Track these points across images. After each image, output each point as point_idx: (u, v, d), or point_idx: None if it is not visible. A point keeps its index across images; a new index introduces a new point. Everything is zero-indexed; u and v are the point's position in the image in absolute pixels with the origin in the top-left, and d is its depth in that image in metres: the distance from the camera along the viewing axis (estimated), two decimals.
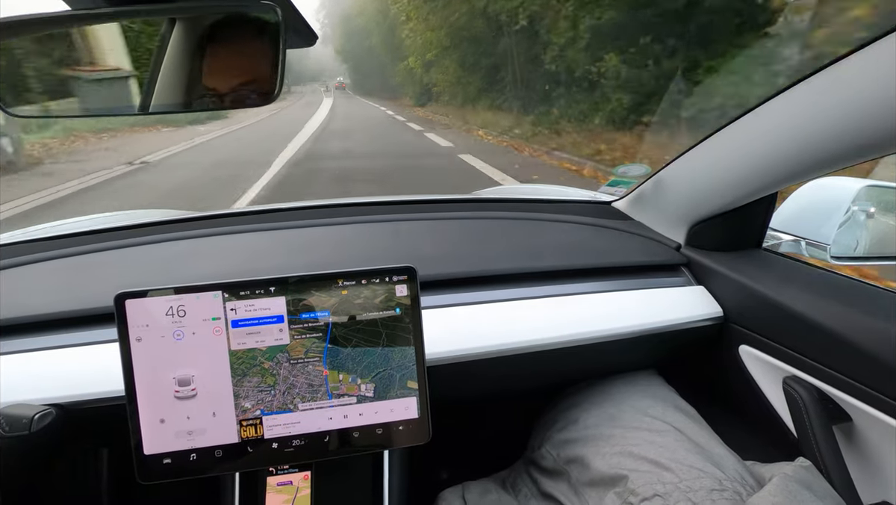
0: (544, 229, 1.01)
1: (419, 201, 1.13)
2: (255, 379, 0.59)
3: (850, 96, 0.56)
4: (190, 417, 0.57)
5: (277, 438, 0.59)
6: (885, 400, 0.58)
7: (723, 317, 0.80)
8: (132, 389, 0.56)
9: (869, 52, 0.53)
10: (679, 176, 0.89)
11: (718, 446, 0.67)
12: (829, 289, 0.71)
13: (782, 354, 0.71)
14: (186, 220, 0.99)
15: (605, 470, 0.65)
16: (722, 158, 0.78)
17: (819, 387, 0.66)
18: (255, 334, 0.58)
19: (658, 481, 0.60)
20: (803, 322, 0.67)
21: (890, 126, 0.53)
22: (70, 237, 0.90)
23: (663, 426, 0.69)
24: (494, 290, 0.79)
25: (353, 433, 0.61)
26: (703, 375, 0.90)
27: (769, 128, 0.68)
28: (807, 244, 0.84)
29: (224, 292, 0.58)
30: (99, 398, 0.60)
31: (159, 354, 0.57)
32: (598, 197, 1.17)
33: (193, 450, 0.58)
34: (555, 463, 0.73)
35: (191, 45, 0.60)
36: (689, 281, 0.86)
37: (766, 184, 0.73)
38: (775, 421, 0.73)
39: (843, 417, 0.64)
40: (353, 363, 0.61)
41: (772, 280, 0.75)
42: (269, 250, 0.89)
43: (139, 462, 0.57)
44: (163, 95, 0.62)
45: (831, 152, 0.61)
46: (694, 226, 0.88)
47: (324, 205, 1.06)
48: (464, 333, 0.71)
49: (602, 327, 0.76)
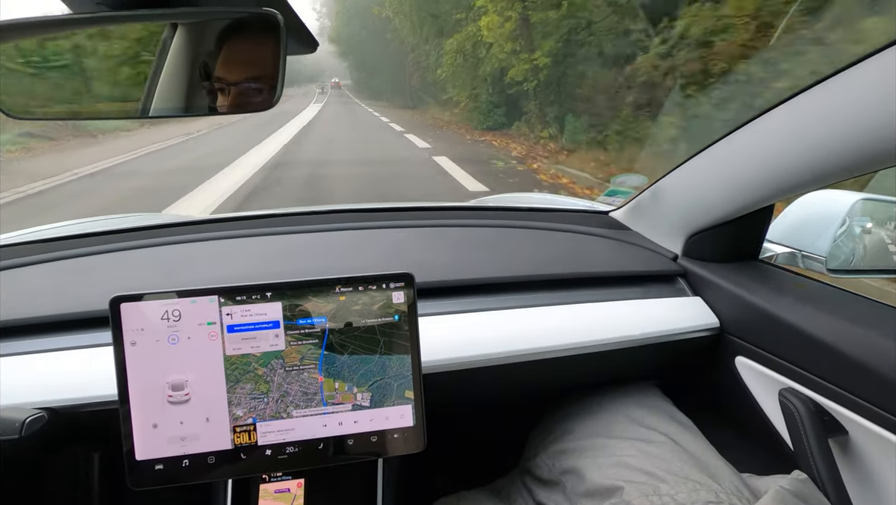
0: (542, 238, 1.01)
1: (418, 208, 1.13)
2: (248, 386, 0.58)
3: (848, 110, 0.56)
4: (183, 423, 0.57)
5: (271, 445, 0.59)
6: (882, 413, 0.58)
7: (719, 328, 0.80)
8: (125, 393, 0.56)
9: (866, 67, 0.53)
10: (676, 187, 0.90)
11: (715, 458, 0.66)
12: (825, 301, 0.71)
13: (778, 365, 0.71)
14: (183, 224, 0.98)
15: (600, 481, 0.64)
16: (719, 170, 0.78)
17: (815, 399, 0.66)
18: (250, 340, 0.58)
19: (654, 493, 0.59)
20: (799, 334, 0.67)
21: (887, 140, 0.53)
22: (65, 240, 0.89)
23: (659, 437, 0.69)
24: (491, 298, 0.79)
25: (348, 441, 0.61)
26: (699, 385, 0.89)
27: (767, 140, 0.68)
28: (803, 256, 0.84)
29: (220, 297, 0.57)
30: (91, 402, 0.60)
31: (153, 359, 0.56)
32: (596, 207, 1.18)
33: (186, 456, 0.57)
34: (550, 473, 0.72)
35: (192, 50, 0.61)
36: (685, 291, 0.86)
37: (763, 196, 0.73)
38: (771, 433, 0.73)
39: (839, 430, 0.64)
40: (350, 371, 0.61)
41: (768, 292, 0.75)
42: (265, 256, 0.89)
43: (131, 467, 0.56)
44: (163, 99, 0.62)
45: (828, 165, 0.61)
46: (691, 237, 0.88)
47: (322, 211, 1.06)
48: (460, 341, 0.71)
49: (598, 337, 0.75)
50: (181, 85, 0.62)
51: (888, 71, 0.51)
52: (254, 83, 0.58)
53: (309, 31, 0.56)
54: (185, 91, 0.63)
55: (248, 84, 0.58)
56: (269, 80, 0.55)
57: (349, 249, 0.93)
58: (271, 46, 0.53)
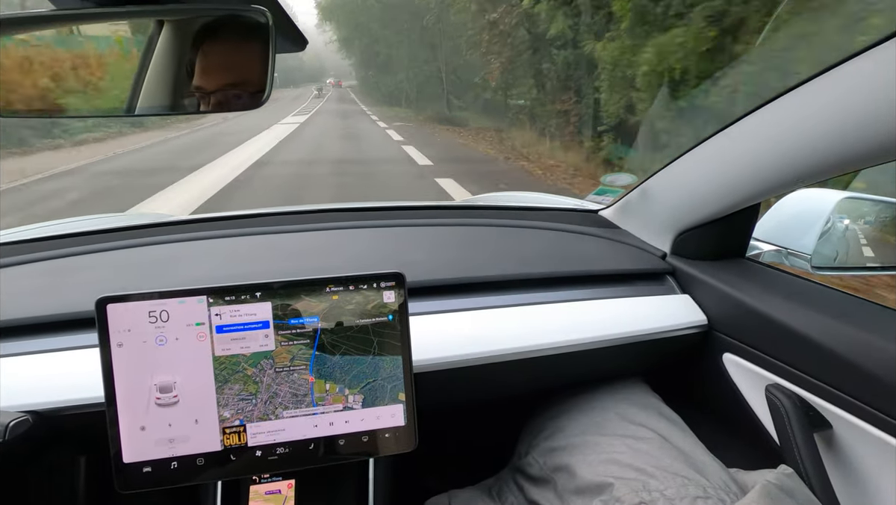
0: (531, 237, 1.01)
1: (407, 207, 1.13)
2: (236, 386, 0.57)
3: (832, 110, 0.57)
4: (171, 425, 0.56)
5: (261, 446, 0.59)
6: (864, 408, 0.59)
7: (707, 325, 0.81)
8: (112, 395, 0.55)
9: (849, 68, 0.54)
10: (665, 185, 0.91)
11: (703, 454, 0.67)
12: (810, 298, 0.72)
13: (765, 361, 0.72)
14: (171, 223, 0.97)
15: (590, 478, 0.65)
16: (707, 169, 0.79)
17: (801, 395, 0.67)
18: (239, 340, 0.58)
19: (643, 489, 0.60)
20: (785, 331, 0.69)
21: (870, 140, 0.54)
22: (51, 239, 0.88)
23: (648, 434, 0.70)
24: (481, 296, 0.79)
25: (339, 441, 0.60)
26: (687, 382, 0.90)
27: (753, 139, 0.69)
28: (788, 254, 0.85)
29: (209, 297, 0.57)
30: (77, 405, 0.59)
31: (141, 360, 0.55)
32: (586, 205, 1.18)
33: (174, 458, 0.56)
34: (541, 471, 0.73)
35: (179, 48, 0.60)
36: (674, 289, 0.87)
37: (750, 194, 0.74)
38: (758, 428, 0.74)
39: (824, 425, 0.65)
40: (342, 372, 0.60)
41: (755, 289, 0.76)
42: (255, 255, 0.88)
43: (118, 471, 0.55)
44: (149, 98, 0.61)
45: (813, 164, 0.62)
46: (679, 235, 0.89)
47: (309, 210, 1.06)
48: (451, 340, 0.71)
49: (588, 335, 0.76)
50: (167, 84, 0.61)
51: (870, 72, 0.52)
52: (232, 90, 0.57)
53: (298, 29, 0.56)
54: (170, 90, 0.62)
55: (226, 91, 0.57)
56: (252, 84, 0.55)
57: (336, 249, 0.93)
58: (251, 48, 0.53)
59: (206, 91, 0.58)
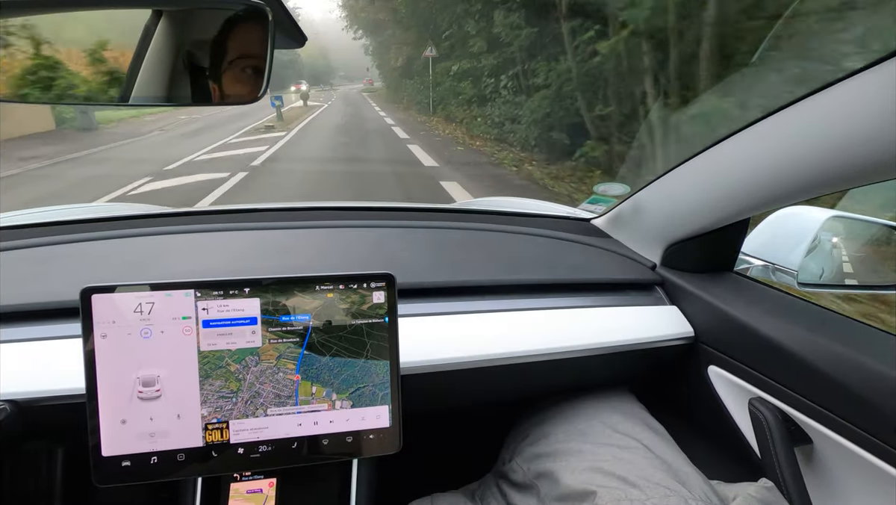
0: (522, 243, 1.01)
1: (399, 209, 1.12)
2: (217, 383, 0.57)
3: (825, 128, 0.58)
4: (153, 419, 0.55)
5: (244, 444, 0.58)
6: (843, 423, 0.60)
7: (693, 337, 0.82)
8: (94, 387, 0.54)
9: (845, 87, 0.55)
10: (657, 197, 0.91)
11: (685, 465, 0.68)
12: (795, 314, 0.73)
13: (749, 375, 0.73)
14: (161, 215, 0.96)
15: (574, 486, 0.65)
16: (699, 182, 0.80)
17: (782, 409, 0.68)
18: (226, 336, 0.57)
19: (625, 498, 0.60)
20: (769, 345, 0.69)
21: (860, 159, 0.55)
22: (37, 227, 0.86)
23: (632, 443, 0.70)
24: (470, 301, 0.79)
25: (323, 441, 0.60)
26: (672, 393, 0.91)
27: (745, 155, 0.70)
28: (775, 269, 0.86)
29: (196, 291, 0.56)
30: (57, 396, 0.58)
31: (125, 353, 0.55)
32: (578, 213, 1.19)
33: (155, 453, 0.56)
34: (525, 477, 0.73)
35: (176, 40, 0.59)
36: (662, 300, 0.88)
37: (740, 209, 0.75)
38: (740, 441, 0.75)
39: (804, 440, 0.66)
40: (330, 375, 0.59)
41: (741, 303, 0.77)
42: (245, 251, 0.88)
43: (96, 464, 0.54)
44: (144, 88, 0.61)
45: (804, 182, 0.63)
46: (669, 247, 0.90)
47: (302, 207, 1.05)
48: (438, 343, 0.71)
49: (575, 342, 0.76)
50: (164, 74, 0.61)
51: (868, 91, 0.53)
52: (245, 61, 0.57)
53: (298, 25, 0.56)
54: (167, 80, 0.61)
55: (241, 63, 0.57)
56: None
57: (326, 247, 0.92)
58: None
59: (254, 55, 0.56)
